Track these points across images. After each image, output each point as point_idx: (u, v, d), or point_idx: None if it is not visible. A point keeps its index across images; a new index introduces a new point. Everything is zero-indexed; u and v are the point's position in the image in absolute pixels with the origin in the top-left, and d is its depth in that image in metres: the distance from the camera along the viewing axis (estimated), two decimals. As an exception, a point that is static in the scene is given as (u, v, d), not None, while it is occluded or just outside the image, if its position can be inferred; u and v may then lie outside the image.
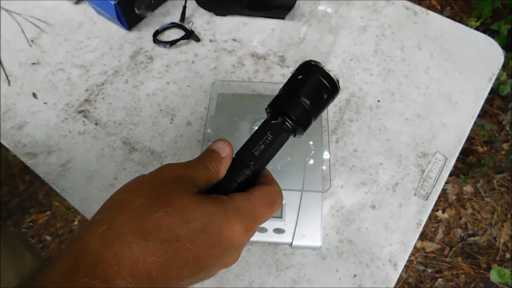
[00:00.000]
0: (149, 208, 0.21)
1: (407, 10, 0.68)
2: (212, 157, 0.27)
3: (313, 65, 0.31)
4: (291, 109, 0.30)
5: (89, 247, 0.20)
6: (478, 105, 0.59)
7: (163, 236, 0.21)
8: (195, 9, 0.68)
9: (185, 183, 0.24)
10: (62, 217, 1.32)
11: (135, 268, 0.20)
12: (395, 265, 0.47)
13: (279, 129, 0.30)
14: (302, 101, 0.29)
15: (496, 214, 1.34)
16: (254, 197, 0.26)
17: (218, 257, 0.23)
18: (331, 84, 0.30)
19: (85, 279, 0.19)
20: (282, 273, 0.47)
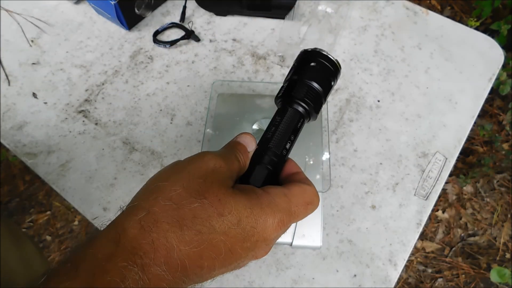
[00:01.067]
0: (186, 198, 0.22)
1: (407, 10, 0.68)
2: (240, 149, 0.28)
3: (311, 51, 0.32)
4: (301, 93, 0.30)
5: (127, 232, 0.20)
6: (478, 105, 0.59)
7: (198, 227, 0.21)
8: (195, 9, 0.68)
9: (222, 174, 0.24)
10: (62, 217, 1.32)
11: (170, 256, 0.20)
12: (395, 265, 0.47)
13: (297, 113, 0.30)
14: (310, 84, 0.30)
15: (496, 214, 1.34)
16: (291, 193, 0.26)
17: (250, 249, 0.24)
18: (332, 65, 0.31)
19: (124, 263, 0.19)
20: (282, 273, 0.47)
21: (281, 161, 0.29)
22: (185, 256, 0.20)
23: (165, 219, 0.21)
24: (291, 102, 0.30)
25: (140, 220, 0.21)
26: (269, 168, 0.28)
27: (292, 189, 0.26)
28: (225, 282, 0.46)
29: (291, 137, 0.29)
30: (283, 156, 0.29)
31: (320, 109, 0.32)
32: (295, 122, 0.30)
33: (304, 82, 0.31)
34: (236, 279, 0.46)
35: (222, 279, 0.46)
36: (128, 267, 0.19)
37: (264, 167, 0.28)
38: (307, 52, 0.32)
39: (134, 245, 0.20)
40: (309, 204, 0.27)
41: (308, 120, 0.32)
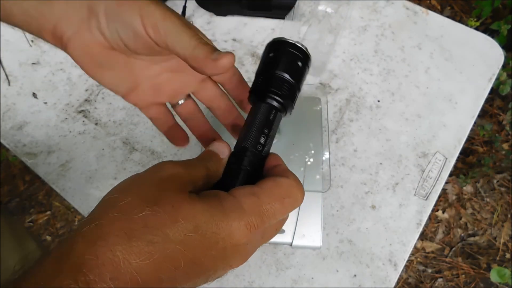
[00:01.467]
0: (137, 207, 0.20)
1: (407, 10, 0.68)
2: (210, 157, 0.27)
3: (277, 41, 0.30)
4: (273, 85, 0.28)
5: (73, 248, 0.19)
6: (478, 105, 0.59)
7: (149, 237, 0.19)
8: (195, 9, 0.68)
9: (179, 181, 0.23)
10: (62, 217, 1.32)
11: (118, 271, 0.18)
12: (395, 265, 0.47)
13: (266, 106, 0.29)
14: (280, 75, 0.29)
15: (496, 214, 1.34)
16: (262, 191, 0.24)
17: (219, 258, 0.22)
18: (300, 52, 0.30)
19: (68, 281, 0.18)
20: (282, 273, 0.47)
21: (258, 158, 0.27)
22: (136, 269, 0.19)
23: (112, 231, 0.19)
24: (260, 96, 0.29)
25: (85, 234, 0.19)
26: (246, 168, 0.26)
27: (264, 185, 0.24)
28: (225, 282, 0.46)
29: (264, 131, 0.27)
30: (259, 152, 0.27)
31: (294, 99, 0.30)
32: (265, 115, 0.28)
33: (272, 74, 0.29)
34: (236, 279, 0.46)
35: (222, 279, 0.46)
36: (71, 285, 0.18)
37: (238, 169, 0.26)
38: (274, 42, 0.30)
39: (79, 261, 0.18)
40: (286, 198, 0.24)
41: (284, 112, 0.30)
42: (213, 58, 0.25)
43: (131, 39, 0.26)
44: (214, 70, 0.26)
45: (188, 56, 0.26)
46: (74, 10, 0.26)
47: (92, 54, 0.27)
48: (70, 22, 0.26)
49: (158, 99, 0.32)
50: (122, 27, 0.26)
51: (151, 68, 0.30)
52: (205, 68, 0.26)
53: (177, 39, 0.25)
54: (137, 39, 0.26)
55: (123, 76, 0.30)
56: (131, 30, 0.25)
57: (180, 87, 0.32)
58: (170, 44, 0.25)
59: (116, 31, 0.26)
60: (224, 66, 0.25)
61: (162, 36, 0.25)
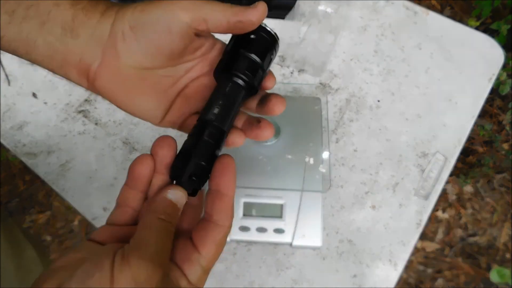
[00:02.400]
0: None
1: (407, 10, 0.68)
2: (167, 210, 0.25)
3: None
4: (227, 61, 0.28)
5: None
6: (478, 105, 0.59)
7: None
8: (195, 9, 0.68)
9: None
10: (62, 217, 1.32)
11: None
12: (395, 265, 0.47)
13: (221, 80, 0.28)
14: (233, 49, 0.29)
15: (496, 214, 1.34)
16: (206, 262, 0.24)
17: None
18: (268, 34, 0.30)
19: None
20: (282, 273, 0.47)
21: (210, 125, 0.26)
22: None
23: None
24: (216, 73, 0.29)
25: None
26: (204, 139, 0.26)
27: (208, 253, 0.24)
28: (225, 282, 0.46)
29: (219, 102, 0.27)
30: (211, 121, 0.26)
31: (249, 70, 0.28)
32: (223, 87, 0.27)
33: (226, 50, 0.29)
34: (236, 279, 0.46)
35: (222, 279, 0.46)
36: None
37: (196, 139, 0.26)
38: None
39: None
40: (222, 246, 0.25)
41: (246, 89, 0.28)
42: (253, 7, 0.27)
43: (165, 35, 0.26)
44: (259, 15, 0.28)
45: (231, 15, 0.26)
46: (97, 39, 0.26)
47: (123, 80, 0.27)
48: (96, 52, 0.26)
49: (191, 109, 0.31)
50: (152, 29, 0.25)
51: (179, 81, 0.30)
52: (252, 16, 0.27)
53: (212, 8, 0.26)
54: (170, 32, 0.25)
55: (155, 97, 0.29)
56: (163, 25, 0.25)
57: (204, 89, 0.32)
58: (208, 16, 0.26)
59: (149, 38, 0.26)
60: (264, 10, 0.28)
61: (197, 13, 0.25)
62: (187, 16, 0.25)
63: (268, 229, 0.47)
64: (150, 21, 0.25)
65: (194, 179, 0.25)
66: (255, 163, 0.49)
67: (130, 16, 0.25)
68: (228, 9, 0.26)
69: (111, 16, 0.26)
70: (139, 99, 0.29)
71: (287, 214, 0.48)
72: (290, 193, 0.48)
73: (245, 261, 0.47)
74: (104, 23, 0.25)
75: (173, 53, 0.27)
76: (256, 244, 0.48)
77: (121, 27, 0.25)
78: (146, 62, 0.27)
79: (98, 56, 0.26)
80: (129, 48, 0.26)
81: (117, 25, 0.25)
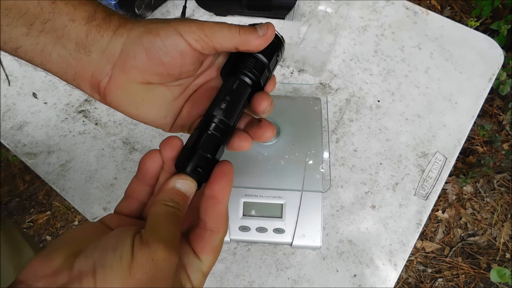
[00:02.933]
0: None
1: (407, 10, 0.68)
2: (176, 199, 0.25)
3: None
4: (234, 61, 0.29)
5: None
6: (478, 105, 0.59)
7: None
8: (195, 9, 0.68)
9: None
10: (62, 217, 1.32)
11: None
12: (395, 265, 0.47)
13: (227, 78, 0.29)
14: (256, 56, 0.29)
15: (496, 214, 1.34)
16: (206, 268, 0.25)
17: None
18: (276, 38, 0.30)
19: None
20: (282, 273, 0.47)
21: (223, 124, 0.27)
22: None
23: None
24: (223, 72, 0.30)
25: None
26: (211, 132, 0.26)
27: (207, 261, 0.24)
28: (225, 282, 0.46)
29: (226, 97, 0.27)
30: (217, 115, 0.27)
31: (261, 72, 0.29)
32: (231, 84, 0.28)
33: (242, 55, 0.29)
34: (236, 279, 0.46)
35: (222, 279, 0.46)
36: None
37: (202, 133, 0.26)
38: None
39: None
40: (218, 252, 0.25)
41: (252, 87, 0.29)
42: (261, 34, 0.28)
43: (177, 60, 0.27)
44: (266, 42, 0.28)
45: (238, 43, 0.27)
46: (108, 56, 0.27)
47: (131, 94, 0.28)
48: (106, 69, 0.27)
49: (200, 111, 0.31)
50: (165, 53, 0.26)
51: (186, 89, 0.31)
52: (259, 45, 0.28)
53: (221, 37, 0.27)
54: (183, 57, 0.27)
55: (164, 107, 0.30)
56: (176, 51, 0.27)
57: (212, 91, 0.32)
58: (218, 44, 0.27)
59: (160, 62, 0.27)
60: (272, 34, 0.28)
61: (207, 42, 0.27)
62: (199, 45, 0.27)
63: (268, 229, 0.47)
64: (164, 47, 0.26)
65: (199, 171, 0.25)
66: (255, 163, 0.49)
67: (145, 39, 0.26)
68: (236, 36, 0.27)
69: (123, 35, 0.27)
70: (149, 110, 0.30)
71: (287, 214, 0.48)
72: (290, 193, 0.48)
73: (245, 261, 0.47)
74: (116, 41, 0.27)
75: (182, 73, 0.29)
76: (256, 244, 0.48)
77: (133, 47, 0.26)
78: (155, 80, 0.28)
79: (107, 72, 0.27)
80: (139, 68, 0.27)
81: (129, 45, 0.27)
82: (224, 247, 0.48)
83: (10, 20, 0.24)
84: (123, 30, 0.27)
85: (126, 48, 0.27)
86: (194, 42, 0.26)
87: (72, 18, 0.25)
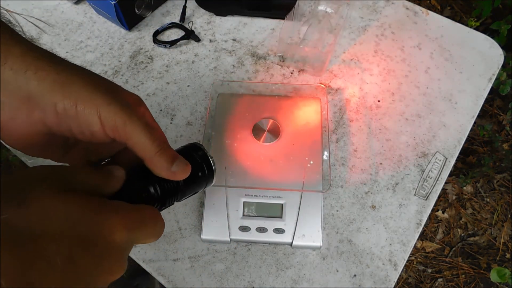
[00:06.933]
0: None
1: (407, 10, 0.68)
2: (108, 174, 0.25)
3: (197, 146, 0.30)
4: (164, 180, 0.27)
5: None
6: (478, 105, 0.59)
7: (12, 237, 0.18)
8: (195, 9, 0.68)
9: (52, 182, 0.22)
10: (62, 217, 1.32)
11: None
12: (395, 265, 0.47)
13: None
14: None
15: (496, 214, 1.34)
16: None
17: (96, 258, 0.21)
18: (208, 167, 0.30)
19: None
20: (282, 273, 0.47)
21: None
22: None
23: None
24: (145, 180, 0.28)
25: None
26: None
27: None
28: (225, 282, 0.46)
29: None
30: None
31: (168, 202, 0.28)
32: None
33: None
34: (236, 279, 0.46)
35: (222, 279, 0.46)
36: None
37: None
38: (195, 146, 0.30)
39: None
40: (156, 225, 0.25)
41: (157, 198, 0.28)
42: (172, 171, 0.26)
43: (86, 135, 0.25)
44: (170, 178, 0.27)
45: (147, 159, 0.26)
46: (14, 98, 0.24)
47: (30, 141, 0.26)
48: (8, 108, 0.24)
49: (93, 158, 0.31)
50: (77, 125, 0.25)
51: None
52: (161, 174, 0.26)
53: (138, 143, 0.25)
54: (92, 136, 0.25)
55: (61, 150, 0.29)
56: (87, 129, 0.25)
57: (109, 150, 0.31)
58: (130, 145, 0.25)
59: (69, 127, 0.25)
60: (179, 178, 0.27)
61: (122, 138, 0.25)
62: (113, 136, 0.25)
63: (268, 229, 0.47)
64: (77, 121, 0.24)
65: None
66: (255, 163, 0.49)
67: (60, 98, 0.24)
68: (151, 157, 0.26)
69: (38, 80, 0.24)
70: (43, 153, 0.28)
71: (287, 214, 0.48)
72: (290, 193, 0.48)
73: (245, 261, 0.47)
74: (27, 84, 0.24)
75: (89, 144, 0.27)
76: (256, 244, 0.48)
77: (42, 101, 0.24)
78: (60, 134, 0.26)
79: (9, 112, 0.24)
80: (46, 122, 0.25)
81: (41, 95, 0.24)
82: (224, 247, 0.48)
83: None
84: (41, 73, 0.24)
85: (34, 98, 0.24)
86: (109, 130, 0.25)
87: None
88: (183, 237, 0.49)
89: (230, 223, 0.47)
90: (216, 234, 0.47)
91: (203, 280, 0.46)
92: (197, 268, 0.47)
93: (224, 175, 0.48)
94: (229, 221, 0.47)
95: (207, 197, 0.49)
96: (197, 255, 0.48)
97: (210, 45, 0.64)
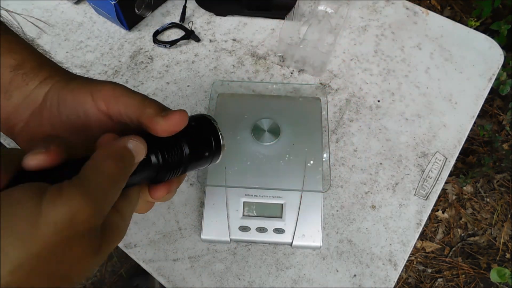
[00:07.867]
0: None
1: (407, 10, 0.68)
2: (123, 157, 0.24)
3: (207, 119, 0.30)
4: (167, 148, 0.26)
5: None
6: (478, 105, 0.59)
7: None
8: (195, 9, 0.68)
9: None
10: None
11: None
12: (395, 265, 0.47)
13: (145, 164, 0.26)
14: (181, 146, 0.27)
15: (496, 214, 1.34)
16: None
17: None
18: (216, 142, 0.29)
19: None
20: (282, 273, 0.47)
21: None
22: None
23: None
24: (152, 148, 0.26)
25: None
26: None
27: None
28: (225, 282, 0.46)
29: None
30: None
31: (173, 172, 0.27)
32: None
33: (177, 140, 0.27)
34: (236, 279, 0.46)
35: (222, 279, 0.46)
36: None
37: None
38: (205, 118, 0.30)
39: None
40: None
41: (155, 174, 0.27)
42: (163, 115, 0.25)
43: (83, 121, 0.26)
44: (166, 127, 0.25)
45: (140, 116, 0.25)
46: (28, 102, 0.27)
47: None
48: (24, 115, 0.27)
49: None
50: (72, 110, 0.26)
51: None
52: (157, 125, 0.25)
53: (129, 104, 0.26)
54: (89, 121, 0.26)
55: None
56: (82, 110, 0.26)
57: None
58: (123, 110, 0.26)
59: (68, 118, 0.26)
60: (176, 123, 0.25)
61: (114, 106, 0.26)
62: (105, 108, 0.26)
63: (268, 229, 0.47)
64: (73, 104, 0.26)
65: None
66: (255, 163, 0.49)
67: (61, 91, 0.26)
68: (142, 109, 0.25)
69: (48, 85, 0.27)
70: None
71: (287, 214, 0.48)
72: (290, 193, 0.48)
73: (245, 261, 0.47)
74: (40, 90, 0.27)
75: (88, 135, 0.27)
76: (256, 244, 0.48)
77: (50, 98, 0.27)
78: (63, 134, 0.27)
79: (24, 118, 0.27)
80: (51, 119, 0.27)
81: (49, 95, 0.27)
82: (224, 247, 0.48)
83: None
84: (50, 81, 0.27)
85: (46, 98, 0.27)
86: (101, 102, 0.26)
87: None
88: (183, 237, 0.49)
89: (230, 223, 0.47)
90: (216, 234, 0.47)
91: (203, 280, 0.46)
92: (197, 268, 0.47)
93: (224, 175, 0.48)
94: (229, 221, 0.47)
95: (207, 197, 0.49)
96: (197, 255, 0.48)
97: (210, 45, 0.64)
